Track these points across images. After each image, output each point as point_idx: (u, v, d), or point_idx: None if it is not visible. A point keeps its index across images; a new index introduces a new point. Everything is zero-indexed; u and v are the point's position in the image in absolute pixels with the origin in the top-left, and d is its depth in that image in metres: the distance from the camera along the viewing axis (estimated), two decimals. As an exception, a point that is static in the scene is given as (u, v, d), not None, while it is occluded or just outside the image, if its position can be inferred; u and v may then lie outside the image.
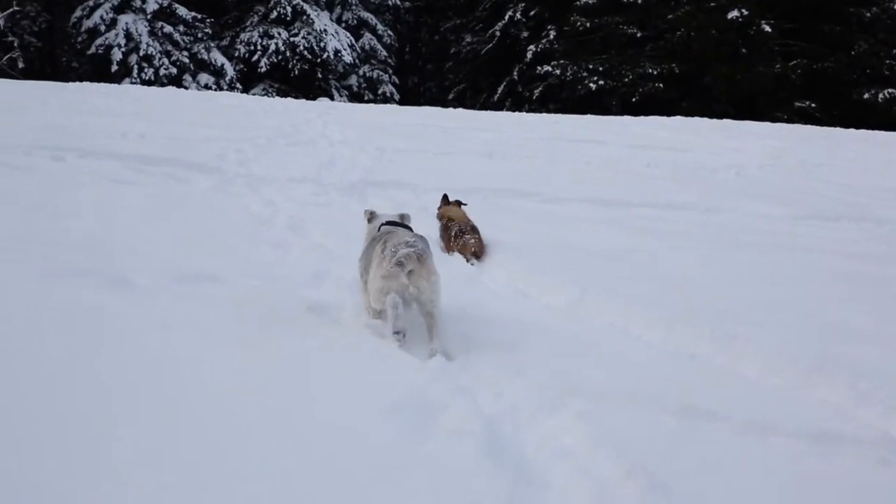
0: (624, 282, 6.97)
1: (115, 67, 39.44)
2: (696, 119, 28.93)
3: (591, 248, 8.28)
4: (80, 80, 29.23)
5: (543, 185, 12.42)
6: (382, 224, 5.98)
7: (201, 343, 4.66)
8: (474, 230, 8.39)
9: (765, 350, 5.31)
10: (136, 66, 39.94)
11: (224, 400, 3.95)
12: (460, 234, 8.35)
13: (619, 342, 5.54)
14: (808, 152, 20.20)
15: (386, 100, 45.93)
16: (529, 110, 41.02)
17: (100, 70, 39.42)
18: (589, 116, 28.90)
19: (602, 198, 11.76)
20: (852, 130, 27.13)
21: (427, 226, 8.14)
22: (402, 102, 42.88)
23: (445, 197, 9.33)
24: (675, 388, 4.63)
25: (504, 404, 4.31)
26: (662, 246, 8.71)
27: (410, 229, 6.00)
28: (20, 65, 39.97)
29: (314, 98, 35.11)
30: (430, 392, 4.27)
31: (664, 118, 28.84)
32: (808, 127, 29.65)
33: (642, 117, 29.15)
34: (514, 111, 38.88)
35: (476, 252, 8.12)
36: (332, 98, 42.44)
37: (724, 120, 29.77)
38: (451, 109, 28.33)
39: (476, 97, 47.95)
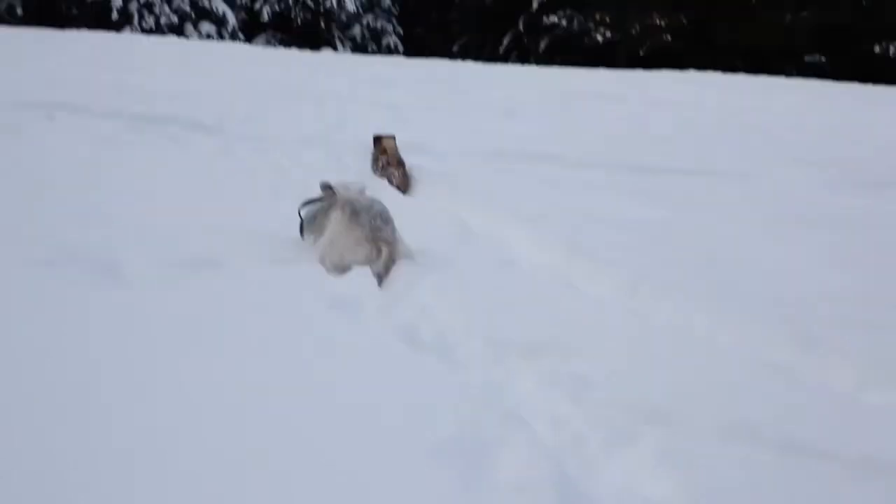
0: (675, 267, 6.20)
1: (115, 15, 38.70)
2: (710, 74, 28.15)
3: (630, 223, 7.53)
4: (80, 28, 28.43)
5: (567, 148, 11.70)
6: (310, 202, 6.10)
7: (197, 356, 3.92)
8: (400, 163, 9.21)
9: (853, 357, 4.57)
10: (136, 14, 39.20)
11: (224, 443, 3.22)
12: (387, 165, 9.19)
13: (687, 348, 4.75)
14: (832, 110, 19.43)
15: (390, 51, 45.13)
16: (535, 63, 40.19)
17: (100, 18, 38.58)
18: (602, 70, 28.12)
19: (632, 163, 11.02)
20: (871, 86, 26.21)
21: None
22: (406, 54, 42.03)
23: (378, 139, 9.76)
24: (764, 411, 3.88)
25: (566, 436, 3.58)
26: (706, 221, 7.97)
27: None
28: (18, 12, 39.17)
29: (317, 48, 34.34)
30: (480, 423, 3.52)
31: (679, 73, 28.12)
32: (828, 83, 28.79)
33: (657, 71, 28.43)
34: (520, 63, 38.05)
35: (399, 186, 8.92)
36: (335, 49, 41.73)
37: (739, 74, 28.99)
38: (461, 62, 27.50)
39: (481, 49, 47.03)
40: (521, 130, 13.23)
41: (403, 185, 8.95)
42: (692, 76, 26.65)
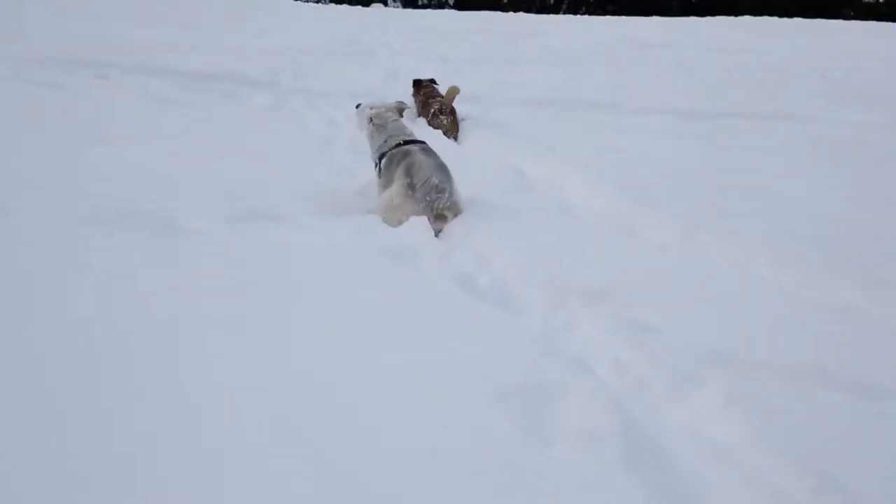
0: (736, 211, 6.09)
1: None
2: (766, 18, 27.66)
3: (689, 169, 7.41)
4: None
5: (620, 96, 11.53)
6: (398, 145, 5.98)
7: (259, 309, 3.85)
8: (452, 112, 9.07)
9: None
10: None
11: (294, 384, 3.19)
12: (438, 113, 9.02)
13: (749, 291, 4.64)
14: (890, 50, 19.01)
15: (441, 5, 44.80)
16: (587, 12, 39.79)
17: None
18: (654, 18, 27.76)
19: (687, 108, 10.84)
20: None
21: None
22: (457, 7, 41.72)
23: (418, 82, 9.91)
24: (835, 354, 3.79)
25: (629, 381, 3.52)
26: (764, 164, 7.82)
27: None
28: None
29: (367, 4, 34.21)
30: (543, 370, 3.46)
31: (732, 17, 27.66)
32: (883, 24, 28.24)
33: (709, 17, 28.01)
34: (571, 13, 37.65)
35: (449, 133, 8.81)
36: (385, 4, 41.49)
37: (795, 19, 28.45)
38: (511, 14, 27.23)
39: (532, 2, 46.55)
40: (574, 80, 13.08)
41: (453, 131, 8.88)
42: (746, 21, 26.21)
